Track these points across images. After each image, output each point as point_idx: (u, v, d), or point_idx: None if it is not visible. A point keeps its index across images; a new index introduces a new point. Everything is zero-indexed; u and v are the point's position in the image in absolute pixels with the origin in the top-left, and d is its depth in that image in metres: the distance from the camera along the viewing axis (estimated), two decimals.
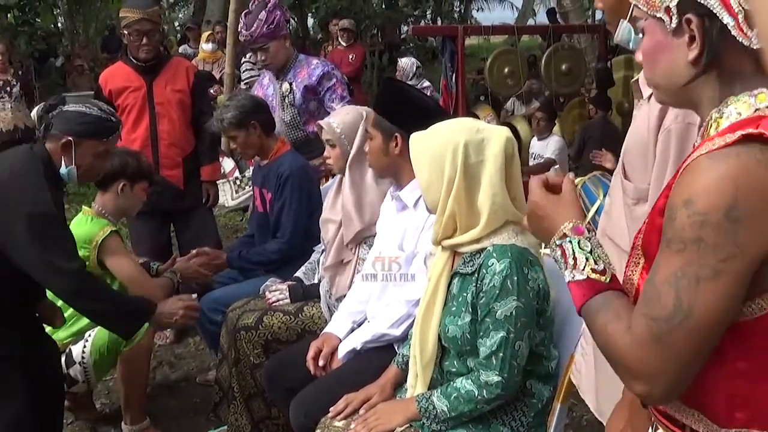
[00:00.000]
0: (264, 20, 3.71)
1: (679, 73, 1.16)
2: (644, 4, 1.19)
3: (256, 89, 4.05)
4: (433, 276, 2.05)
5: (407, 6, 18.98)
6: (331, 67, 3.95)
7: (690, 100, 1.19)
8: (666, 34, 1.16)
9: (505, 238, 1.93)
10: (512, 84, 6.84)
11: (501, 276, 1.87)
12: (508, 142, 1.98)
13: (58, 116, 2.48)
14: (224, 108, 3.35)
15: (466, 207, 1.95)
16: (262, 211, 3.41)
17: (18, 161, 2.44)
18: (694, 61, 1.13)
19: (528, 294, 1.89)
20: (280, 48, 3.83)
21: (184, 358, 4.04)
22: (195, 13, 17.97)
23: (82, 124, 2.48)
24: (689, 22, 1.12)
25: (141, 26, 3.74)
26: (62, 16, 19.42)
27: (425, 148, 2.00)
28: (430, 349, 2.03)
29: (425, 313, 2.04)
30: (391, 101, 2.48)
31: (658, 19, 1.17)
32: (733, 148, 1.03)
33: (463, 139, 1.94)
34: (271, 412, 2.94)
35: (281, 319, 2.89)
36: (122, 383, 3.08)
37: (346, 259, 2.84)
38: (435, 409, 1.96)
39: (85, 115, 2.50)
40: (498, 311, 1.87)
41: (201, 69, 7.92)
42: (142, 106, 3.86)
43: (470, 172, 1.94)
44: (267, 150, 3.38)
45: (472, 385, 1.92)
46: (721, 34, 1.10)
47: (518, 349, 1.89)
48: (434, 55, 16.85)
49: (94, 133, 2.50)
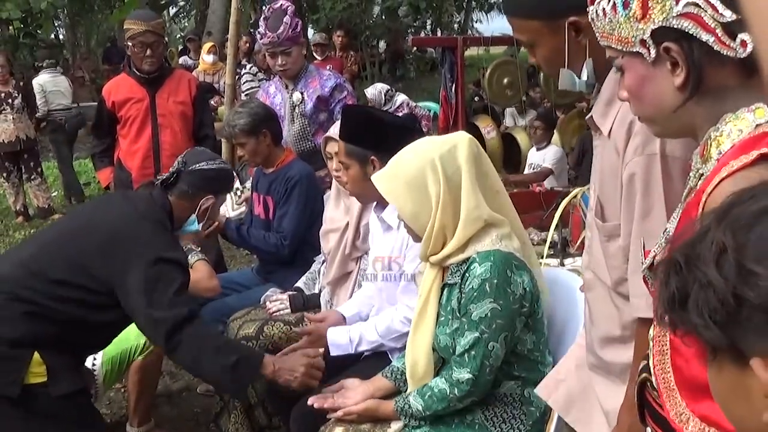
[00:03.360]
0: (289, 24, 3.70)
1: (667, 102, 1.15)
2: (617, 43, 1.18)
3: (261, 98, 4.02)
4: (423, 292, 2.07)
5: (407, 17, 19.04)
6: (342, 80, 3.95)
7: (685, 126, 1.18)
8: (646, 66, 1.15)
9: (488, 244, 1.96)
10: (511, 95, 6.87)
11: (480, 279, 1.91)
12: (471, 141, 2.04)
13: (198, 174, 2.51)
14: (236, 114, 3.36)
15: (452, 215, 1.97)
16: (264, 218, 3.43)
17: (143, 206, 2.38)
18: (682, 86, 1.12)
19: (508, 297, 1.91)
20: (299, 54, 3.84)
21: None
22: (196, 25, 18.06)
23: (223, 182, 2.62)
24: (668, 50, 1.11)
25: (145, 38, 3.76)
26: (63, 28, 19.51)
27: (399, 180, 2.00)
28: (424, 363, 2.06)
29: (416, 329, 2.07)
30: (356, 127, 2.47)
31: (634, 53, 1.16)
32: (753, 169, 1.01)
33: (436, 155, 1.98)
34: (272, 422, 2.95)
35: (282, 329, 2.90)
36: (134, 391, 3.10)
37: (348, 270, 2.85)
38: (410, 408, 2.01)
39: (227, 172, 2.66)
40: (473, 312, 1.91)
41: (201, 80, 7.96)
42: (145, 118, 3.89)
43: (452, 183, 1.97)
44: (273, 159, 3.40)
45: (445, 383, 1.96)
46: (702, 52, 1.09)
47: (492, 350, 1.92)
48: (433, 66, 16.90)
49: (228, 189, 2.70)
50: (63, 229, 2.43)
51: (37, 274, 2.21)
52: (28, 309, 2.17)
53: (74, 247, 2.26)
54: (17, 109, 7.12)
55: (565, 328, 2.15)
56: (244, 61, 8.19)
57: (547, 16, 1.52)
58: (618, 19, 1.17)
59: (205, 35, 11.64)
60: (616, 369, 1.62)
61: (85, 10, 18.96)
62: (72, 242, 2.28)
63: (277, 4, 3.79)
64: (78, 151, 9.39)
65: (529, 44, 1.61)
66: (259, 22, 3.87)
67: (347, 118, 2.52)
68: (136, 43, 3.79)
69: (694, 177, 1.15)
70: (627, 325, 1.57)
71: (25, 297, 2.18)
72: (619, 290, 1.56)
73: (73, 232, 2.34)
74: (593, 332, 1.69)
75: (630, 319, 1.54)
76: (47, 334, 2.19)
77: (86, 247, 2.24)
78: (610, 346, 1.64)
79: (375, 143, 2.42)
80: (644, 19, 1.14)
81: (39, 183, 7.49)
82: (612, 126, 1.51)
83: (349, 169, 2.50)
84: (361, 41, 16.15)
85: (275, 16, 3.75)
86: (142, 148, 3.92)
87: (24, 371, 2.14)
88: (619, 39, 1.17)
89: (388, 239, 2.50)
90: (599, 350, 1.67)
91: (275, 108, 3.81)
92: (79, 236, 2.29)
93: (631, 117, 1.44)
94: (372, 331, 2.43)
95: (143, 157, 3.89)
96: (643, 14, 1.13)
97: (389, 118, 2.53)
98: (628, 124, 1.45)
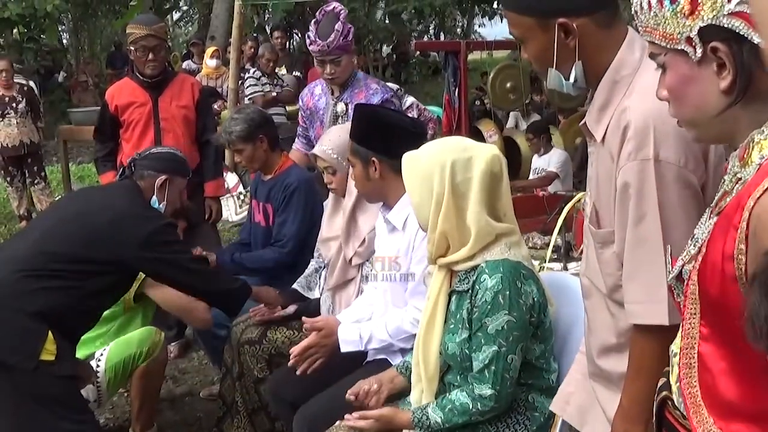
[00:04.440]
0: (341, 32, 3.44)
1: (710, 105, 1.09)
2: (661, 39, 1.12)
3: (306, 96, 3.86)
4: (431, 295, 2.06)
5: (410, 21, 19.07)
6: (390, 95, 3.66)
7: (724, 130, 1.12)
8: (691, 65, 1.09)
9: (497, 253, 1.95)
10: (514, 99, 6.87)
11: (492, 291, 1.89)
12: (495, 159, 1.99)
13: (149, 157, 2.80)
14: (232, 121, 3.35)
15: (456, 225, 1.96)
16: (265, 225, 3.42)
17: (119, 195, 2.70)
18: (728, 90, 1.06)
19: (520, 308, 1.90)
20: (349, 62, 3.59)
21: (188, 373, 4.05)
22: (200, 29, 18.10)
23: (173, 162, 2.84)
24: (715, 50, 1.06)
25: (147, 42, 3.77)
26: (67, 33, 19.58)
27: (415, 167, 2.02)
28: (432, 368, 2.05)
29: (426, 332, 2.05)
30: (363, 127, 2.48)
31: (679, 51, 1.10)
32: None
33: (451, 158, 1.96)
34: (275, 426, 2.95)
35: (285, 333, 2.89)
36: (137, 398, 3.09)
37: (349, 277, 2.84)
38: (429, 420, 1.97)
39: (176, 156, 2.89)
40: (489, 326, 1.89)
41: (205, 85, 7.97)
42: (148, 122, 3.89)
43: (458, 191, 1.95)
44: (271, 165, 3.39)
45: (467, 397, 1.94)
46: (752, 55, 1.03)
47: (510, 363, 1.90)
48: (436, 70, 16.93)
49: (182, 172, 2.86)
50: (65, 214, 2.66)
51: (46, 253, 2.46)
52: (44, 284, 2.39)
53: (81, 226, 2.53)
54: (21, 114, 7.13)
55: (569, 333, 2.14)
56: (248, 65, 8.20)
57: (538, 14, 1.52)
58: (664, 13, 1.11)
59: (209, 40, 11.67)
60: (615, 377, 1.61)
61: (89, 15, 19.02)
62: (77, 222, 2.55)
63: (330, 6, 3.54)
64: (82, 155, 9.41)
65: (520, 40, 1.61)
66: (310, 26, 3.63)
67: (358, 117, 2.54)
68: (138, 47, 3.79)
69: (731, 181, 1.09)
70: (622, 332, 1.56)
71: (41, 273, 2.41)
72: (614, 297, 1.55)
73: (76, 213, 2.60)
74: (591, 340, 1.68)
75: (626, 327, 1.53)
76: (59, 306, 2.40)
77: (95, 225, 2.51)
78: (607, 355, 1.63)
79: (379, 145, 2.42)
80: (692, 15, 1.08)
81: (43, 187, 7.49)
82: (606, 132, 1.51)
83: (354, 168, 2.50)
84: (365, 45, 16.17)
85: (327, 22, 3.50)
86: None
87: (41, 346, 2.32)
88: (664, 35, 1.12)
89: (393, 240, 2.49)
90: (597, 359, 1.66)
91: (318, 111, 3.71)
92: (82, 216, 2.57)
93: (625, 122, 1.44)
94: (382, 331, 2.43)
95: None
96: (691, 10, 1.08)
97: (398, 122, 2.51)
98: (622, 130, 1.44)
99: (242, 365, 2.91)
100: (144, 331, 3.04)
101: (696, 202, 1.41)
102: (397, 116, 2.63)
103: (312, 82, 4.03)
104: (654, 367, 1.41)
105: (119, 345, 2.98)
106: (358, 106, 2.72)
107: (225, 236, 6.01)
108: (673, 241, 1.38)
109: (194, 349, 4.25)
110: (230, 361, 3.04)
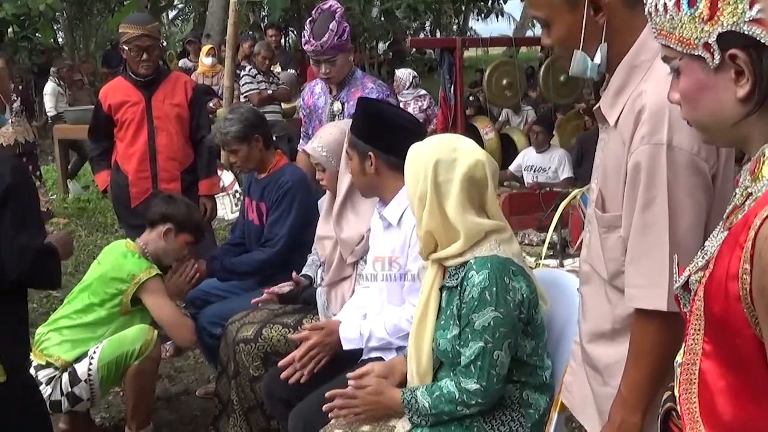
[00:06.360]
0: (335, 31, 3.39)
1: (726, 113, 1.07)
2: (677, 44, 1.09)
3: (306, 95, 3.86)
4: (424, 290, 2.07)
5: (406, 18, 19.07)
6: (386, 94, 3.62)
7: (737, 138, 1.10)
8: (707, 72, 1.06)
9: (486, 250, 1.95)
10: (510, 95, 6.86)
11: (479, 287, 1.90)
12: (479, 165, 1.97)
13: None
14: (227, 121, 3.33)
15: (442, 223, 1.97)
16: (258, 224, 3.41)
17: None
18: (745, 98, 1.03)
19: (508, 304, 1.90)
20: (345, 62, 3.54)
21: (184, 371, 4.04)
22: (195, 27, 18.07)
23: None
24: (734, 58, 1.03)
25: (141, 42, 3.76)
26: (62, 31, 19.53)
27: (410, 160, 2.04)
28: (425, 363, 2.06)
29: (418, 327, 2.06)
30: (363, 121, 2.49)
31: (695, 57, 1.07)
32: None
33: (436, 157, 1.97)
34: (270, 425, 2.95)
35: (280, 331, 2.89)
36: (131, 396, 3.09)
37: (345, 275, 2.84)
38: (417, 404, 1.99)
39: None
40: (476, 322, 1.90)
41: (200, 83, 7.96)
42: (141, 120, 3.89)
43: (440, 190, 1.96)
44: (266, 164, 3.39)
45: (455, 387, 1.95)
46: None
47: (497, 359, 1.91)
48: (432, 68, 16.92)
49: None
50: None
51: None
52: None
53: None
54: (16, 113, 7.11)
55: (564, 330, 2.14)
56: (244, 62, 8.18)
57: None
58: (681, 17, 1.08)
59: (204, 38, 11.64)
60: (601, 365, 1.62)
61: (84, 13, 18.98)
62: None
63: (326, 4, 3.48)
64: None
65: (545, 22, 1.57)
66: (305, 25, 3.60)
67: (360, 110, 2.54)
68: (132, 47, 3.79)
69: (741, 195, 1.07)
70: (619, 319, 1.56)
71: None
72: (614, 283, 1.56)
73: None
74: (583, 326, 1.69)
75: (624, 314, 1.53)
76: None
77: None
78: (597, 341, 1.64)
79: (377, 140, 2.42)
80: (711, 20, 1.04)
81: (38, 187, 7.48)
82: (620, 116, 1.50)
83: (352, 160, 2.50)
84: (360, 42, 16.16)
85: (321, 21, 3.44)
86: (138, 150, 3.92)
87: None
88: (680, 39, 1.08)
89: (389, 237, 2.49)
90: (586, 344, 1.67)
91: (317, 110, 3.70)
92: None
93: (640, 106, 1.43)
94: (381, 329, 2.44)
95: (140, 159, 3.90)
96: (710, 15, 1.04)
97: (397, 119, 2.51)
98: (636, 113, 1.43)
99: (238, 363, 2.90)
100: (137, 329, 3.03)
101: (705, 190, 1.41)
102: (397, 113, 2.63)
103: (312, 81, 4.03)
104: (654, 353, 1.42)
105: (112, 343, 2.98)
106: (360, 99, 2.72)
107: (220, 235, 5.99)
108: (679, 229, 1.38)
109: (190, 348, 4.24)
110: (226, 359, 3.04)
